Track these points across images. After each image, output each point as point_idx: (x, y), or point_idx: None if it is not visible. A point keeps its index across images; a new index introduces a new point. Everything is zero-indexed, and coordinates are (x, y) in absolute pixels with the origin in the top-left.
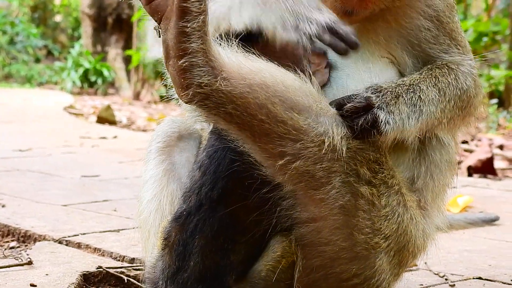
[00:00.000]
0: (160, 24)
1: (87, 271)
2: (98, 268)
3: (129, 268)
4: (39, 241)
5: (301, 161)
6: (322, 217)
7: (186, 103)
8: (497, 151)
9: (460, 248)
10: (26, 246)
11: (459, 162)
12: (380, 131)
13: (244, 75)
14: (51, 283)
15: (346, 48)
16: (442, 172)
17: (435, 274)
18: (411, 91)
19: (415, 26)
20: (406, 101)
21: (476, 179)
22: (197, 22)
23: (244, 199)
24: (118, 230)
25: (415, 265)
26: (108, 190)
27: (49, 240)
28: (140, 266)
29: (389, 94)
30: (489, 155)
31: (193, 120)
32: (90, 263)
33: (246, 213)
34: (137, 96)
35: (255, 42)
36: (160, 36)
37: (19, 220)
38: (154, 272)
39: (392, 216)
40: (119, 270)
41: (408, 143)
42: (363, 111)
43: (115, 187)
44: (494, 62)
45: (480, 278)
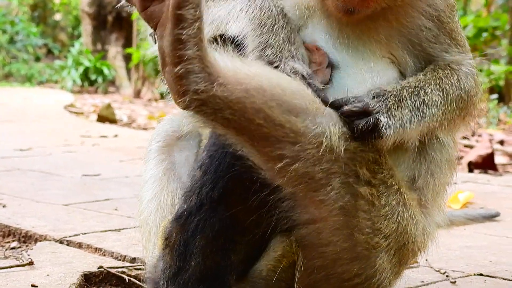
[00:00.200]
0: (155, 31)
1: (88, 271)
2: (99, 268)
3: (130, 268)
4: (40, 241)
5: (300, 163)
6: (322, 218)
7: (183, 109)
8: (497, 146)
9: (461, 244)
10: (27, 246)
11: (460, 158)
12: (381, 135)
13: (240, 80)
14: (52, 284)
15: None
16: (442, 171)
17: (436, 271)
18: (415, 93)
19: (416, 26)
20: (409, 104)
21: (476, 174)
22: (192, 29)
23: (245, 199)
24: (119, 230)
25: (416, 262)
26: (109, 189)
27: (50, 240)
28: (141, 265)
29: (392, 98)
30: (489, 150)
31: (188, 122)
32: (91, 263)
33: (246, 213)
34: (137, 94)
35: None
36: (156, 43)
37: (20, 220)
38: (155, 272)
39: (391, 215)
40: (120, 270)
41: (409, 144)
42: (359, 115)
43: (116, 186)
44: (494, 57)
45: (481, 275)
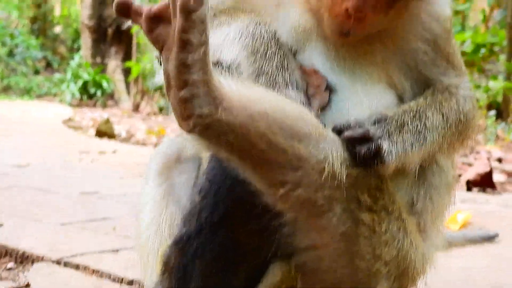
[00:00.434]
0: (161, 53)
1: None
2: None
3: None
4: (37, 262)
5: (302, 189)
6: (323, 244)
7: (187, 132)
8: (495, 164)
9: (460, 266)
10: (23, 267)
11: (458, 176)
12: (383, 161)
13: (245, 104)
14: None
15: None
16: (441, 195)
17: None
18: (417, 118)
19: (413, 49)
20: (411, 129)
21: (475, 194)
22: (198, 53)
23: (245, 223)
24: (117, 250)
25: (415, 285)
26: (107, 207)
27: (47, 261)
28: None
29: (393, 123)
30: (487, 168)
31: (191, 146)
32: (89, 285)
33: (246, 238)
34: (136, 108)
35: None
36: (162, 65)
37: (17, 240)
38: None
39: (392, 242)
40: None
41: (408, 169)
42: (360, 141)
43: (114, 204)
44: (492, 73)
45: None
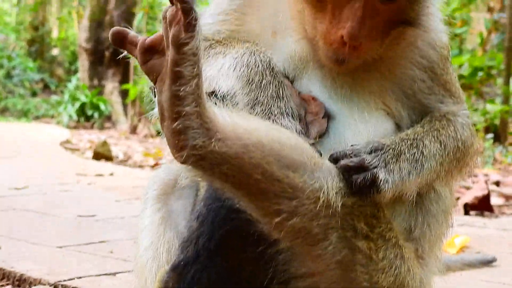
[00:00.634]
0: (155, 84)
1: None
2: None
3: None
4: (35, 285)
5: (297, 218)
6: (320, 272)
7: (181, 164)
8: (493, 187)
9: None
10: None
11: (456, 199)
12: (379, 189)
13: (239, 135)
14: None
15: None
16: (439, 222)
17: None
18: (414, 146)
19: (409, 77)
20: (408, 158)
21: (473, 217)
22: (190, 86)
23: (242, 251)
24: (114, 274)
25: None
26: (104, 230)
27: (44, 285)
28: None
29: (390, 152)
30: (485, 192)
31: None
32: None
33: (243, 264)
34: (133, 130)
35: None
36: (155, 96)
37: (15, 263)
38: None
39: (389, 269)
40: None
41: (406, 197)
42: (356, 170)
43: (111, 227)
44: (490, 96)
45: None
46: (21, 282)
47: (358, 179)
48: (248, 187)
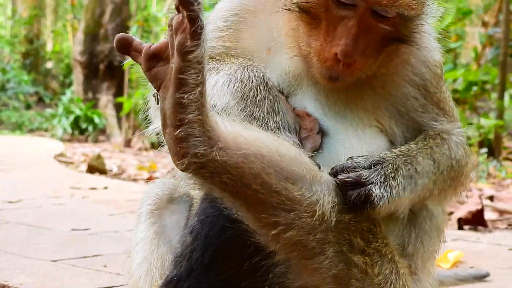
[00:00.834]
0: (158, 92)
1: None
2: None
3: None
4: None
5: (294, 231)
6: (315, 285)
7: (182, 171)
8: (487, 202)
9: None
10: None
11: (450, 214)
12: (374, 206)
13: (240, 145)
14: None
15: None
16: (432, 238)
17: None
18: (408, 162)
19: (402, 94)
20: (404, 173)
21: (466, 232)
22: (193, 93)
23: (236, 265)
24: None
25: None
26: (98, 244)
27: None
28: None
29: (390, 167)
30: (479, 206)
31: (184, 184)
32: None
33: (238, 279)
34: (128, 143)
35: None
36: (158, 103)
37: (8, 277)
38: None
39: (385, 284)
40: None
41: (399, 213)
42: (352, 186)
43: (105, 241)
44: (484, 111)
45: None
46: None
47: (353, 195)
48: (247, 197)
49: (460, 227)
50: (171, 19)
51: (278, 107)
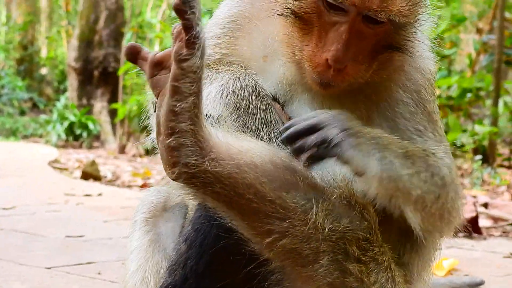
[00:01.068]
0: (157, 99)
1: None
2: None
3: None
4: None
5: (288, 239)
6: None
7: (173, 180)
8: (481, 209)
9: None
10: None
11: None
12: (331, 153)
13: (233, 155)
14: None
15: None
16: (427, 247)
17: None
18: (371, 135)
19: (394, 99)
20: (367, 139)
21: (461, 239)
22: (186, 102)
23: (231, 273)
24: None
25: None
26: (92, 251)
27: None
28: None
29: (354, 123)
30: (473, 214)
31: (178, 193)
32: None
33: (233, 287)
34: (122, 149)
35: None
36: (155, 111)
37: (3, 284)
38: None
39: None
40: None
41: (377, 198)
42: (307, 133)
43: (99, 248)
44: (478, 117)
45: None
46: None
47: (311, 140)
48: (240, 206)
49: (454, 235)
50: (174, 28)
51: (270, 117)
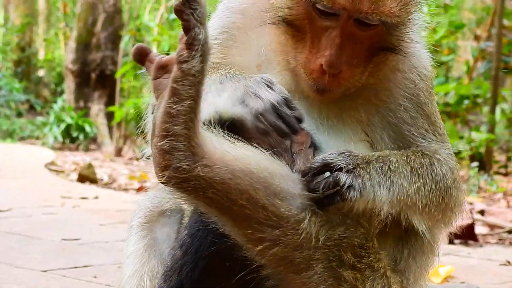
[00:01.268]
0: (157, 101)
1: None
2: None
3: None
4: None
5: (280, 247)
6: None
7: (162, 183)
8: (478, 216)
9: None
10: None
11: None
12: (344, 196)
13: (227, 162)
14: None
15: (287, 132)
16: (425, 254)
17: None
18: (380, 161)
19: (395, 103)
20: (376, 167)
21: (457, 246)
22: (182, 105)
23: (226, 279)
24: None
25: None
26: (88, 254)
27: None
28: None
29: (360, 159)
30: (470, 221)
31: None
32: None
33: None
34: (119, 152)
35: (235, 128)
36: (153, 113)
37: None
38: None
39: None
40: None
41: (380, 214)
42: (319, 172)
43: (95, 251)
44: (475, 124)
45: None
46: None
47: (321, 183)
48: (233, 212)
49: (451, 242)
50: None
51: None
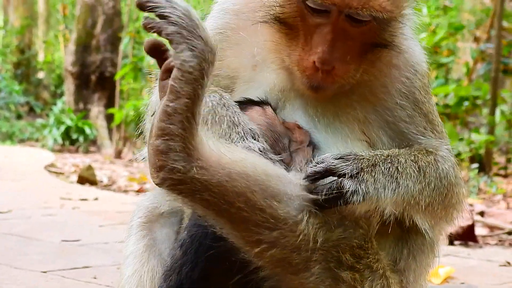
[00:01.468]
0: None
1: None
2: None
3: None
4: None
5: (277, 249)
6: None
7: (156, 184)
8: (478, 217)
9: None
10: None
11: None
12: (347, 201)
13: (223, 164)
14: None
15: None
16: (425, 254)
17: None
18: (389, 161)
19: (392, 101)
20: (383, 170)
21: (457, 247)
22: (179, 104)
23: (226, 279)
24: None
25: None
26: (88, 255)
27: None
28: None
29: (366, 162)
30: (470, 222)
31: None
32: None
33: None
34: (118, 154)
35: None
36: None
37: None
38: None
39: None
40: None
41: (383, 214)
42: (322, 177)
43: (95, 252)
44: (475, 126)
45: None
46: None
47: (324, 188)
48: (230, 215)
49: (450, 243)
50: None
51: (238, 119)
